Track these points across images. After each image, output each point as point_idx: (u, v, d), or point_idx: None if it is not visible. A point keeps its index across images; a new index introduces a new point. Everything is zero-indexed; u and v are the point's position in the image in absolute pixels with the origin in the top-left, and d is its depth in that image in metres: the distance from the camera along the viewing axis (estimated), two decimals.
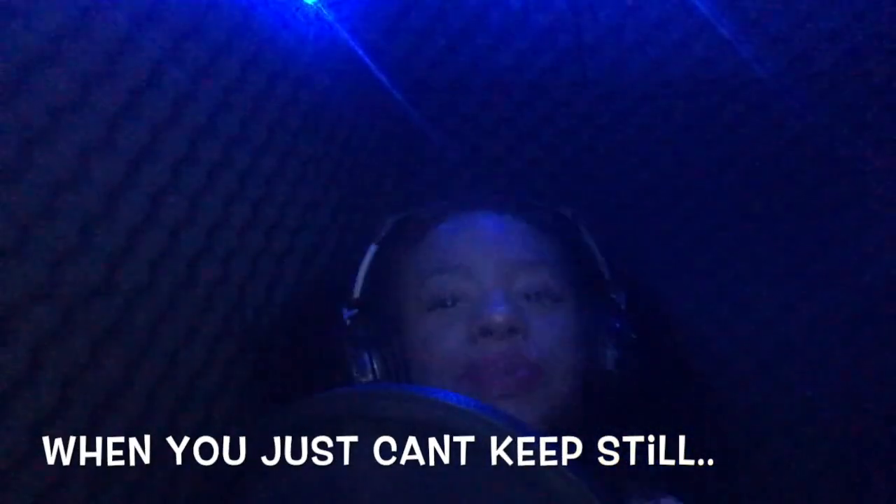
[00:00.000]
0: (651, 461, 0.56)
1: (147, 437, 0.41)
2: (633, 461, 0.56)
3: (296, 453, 0.40)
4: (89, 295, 0.37)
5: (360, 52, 0.72)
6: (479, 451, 0.36)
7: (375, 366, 0.56)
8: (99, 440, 0.38)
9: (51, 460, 0.35)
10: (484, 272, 0.56)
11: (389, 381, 0.56)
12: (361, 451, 0.39)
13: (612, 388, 0.58)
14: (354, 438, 0.39)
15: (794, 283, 0.77)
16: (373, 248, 0.62)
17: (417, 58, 0.78)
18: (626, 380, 0.58)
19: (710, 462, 0.61)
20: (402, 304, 0.59)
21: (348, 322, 0.59)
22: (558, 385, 0.55)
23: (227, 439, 0.48)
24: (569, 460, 0.36)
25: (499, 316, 0.53)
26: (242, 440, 0.43)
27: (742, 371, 0.76)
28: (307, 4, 0.64)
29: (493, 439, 0.36)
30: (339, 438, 0.39)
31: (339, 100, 0.68)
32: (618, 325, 0.59)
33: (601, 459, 0.55)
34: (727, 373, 0.76)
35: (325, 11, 0.66)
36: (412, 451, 0.38)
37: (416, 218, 0.63)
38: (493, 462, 0.36)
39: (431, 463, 0.37)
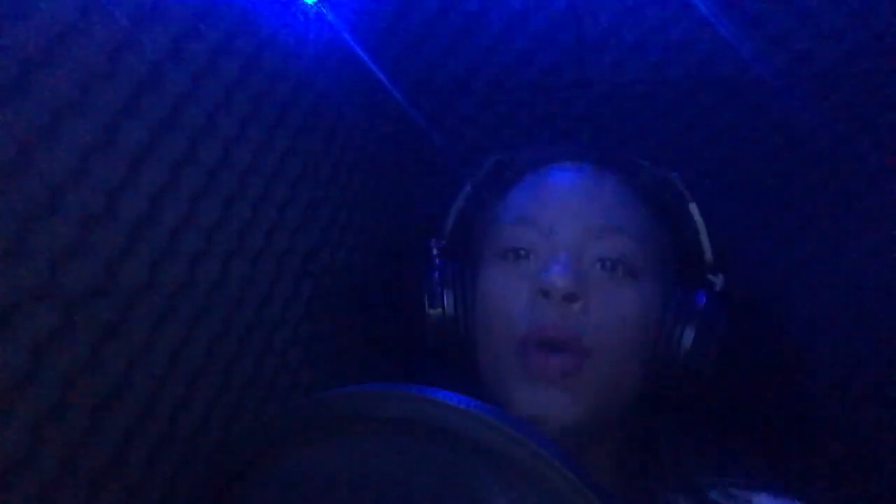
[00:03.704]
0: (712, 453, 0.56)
1: (147, 437, 0.41)
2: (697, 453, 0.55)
3: (298, 454, 0.40)
4: (89, 295, 0.37)
5: (360, 52, 0.72)
6: (479, 451, 0.36)
7: (447, 302, 0.57)
8: (99, 440, 0.38)
9: (51, 460, 0.35)
10: (559, 231, 0.54)
11: (457, 320, 0.57)
12: (363, 450, 0.39)
13: (684, 376, 0.55)
14: (356, 438, 0.39)
15: (793, 283, 0.78)
16: (468, 187, 0.63)
17: (417, 58, 0.78)
18: (702, 369, 0.55)
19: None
20: (481, 247, 0.59)
21: (435, 253, 0.60)
22: (607, 369, 0.52)
23: (228, 439, 0.48)
24: (569, 460, 0.36)
25: (559, 279, 0.51)
26: (244, 440, 0.43)
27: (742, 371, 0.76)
28: (307, 4, 0.64)
29: (494, 440, 0.36)
30: (340, 438, 0.39)
31: (339, 100, 0.68)
32: (708, 308, 0.55)
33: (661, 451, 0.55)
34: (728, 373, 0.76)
35: (325, 11, 0.66)
36: (413, 451, 0.38)
37: (515, 162, 0.62)
38: (494, 462, 0.36)
39: (432, 463, 0.37)
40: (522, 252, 0.55)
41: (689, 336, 0.55)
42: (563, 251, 0.54)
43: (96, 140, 0.37)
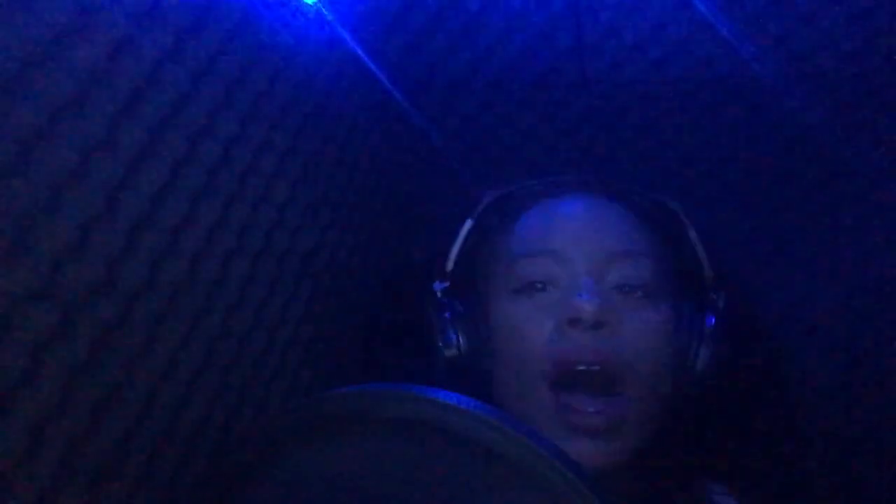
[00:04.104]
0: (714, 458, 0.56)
1: (147, 437, 0.41)
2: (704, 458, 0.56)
3: (298, 454, 0.40)
4: (89, 295, 0.37)
5: (360, 52, 0.72)
6: (479, 451, 0.36)
7: (461, 341, 0.56)
8: (99, 440, 0.38)
9: (51, 460, 0.34)
10: (577, 259, 0.54)
11: (474, 359, 0.56)
12: (363, 450, 0.39)
13: (702, 388, 0.56)
14: (356, 438, 0.39)
15: (793, 283, 0.78)
16: (469, 223, 0.62)
17: (417, 58, 0.78)
18: (717, 380, 0.56)
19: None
20: (492, 283, 0.58)
21: (439, 294, 0.59)
22: (642, 388, 0.53)
23: (228, 439, 0.48)
24: (569, 460, 0.36)
25: (588, 305, 0.51)
26: (244, 440, 0.43)
27: (742, 371, 0.76)
28: (307, 4, 0.64)
29: (494, 440, 0.36)
30: (340, 438, 0.39)
31: (339, 100, 0.68)
32: (714, 324, 0.56)
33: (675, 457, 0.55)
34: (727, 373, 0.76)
35: (325, 11, 0.66)
36: (413, 452, 0.38)
37: (515, 195, 0.62)
38: (493, 462, 0.36)
39: (432, 463, 0.37)
40: (539, 284, 0.55)
41: (704, 352, 0.55)
42: (584, 278, 0.53)
43: (96, 140, 0.37)
